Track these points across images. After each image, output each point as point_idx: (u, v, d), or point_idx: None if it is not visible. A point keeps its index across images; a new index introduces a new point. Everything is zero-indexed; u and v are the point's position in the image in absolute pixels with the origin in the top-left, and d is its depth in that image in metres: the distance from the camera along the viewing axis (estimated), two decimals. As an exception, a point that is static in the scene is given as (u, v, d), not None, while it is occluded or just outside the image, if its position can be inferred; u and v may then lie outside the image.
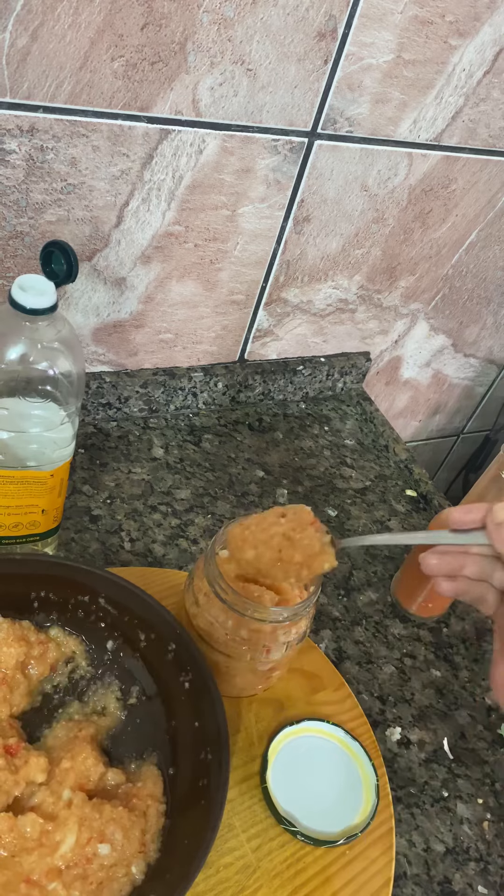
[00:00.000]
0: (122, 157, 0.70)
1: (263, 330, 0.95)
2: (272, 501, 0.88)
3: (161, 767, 0.57)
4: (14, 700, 0.58)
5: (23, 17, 0.59)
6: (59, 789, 0.53)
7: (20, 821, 0.50)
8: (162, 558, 0.77)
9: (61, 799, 0.52)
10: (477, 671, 0.78)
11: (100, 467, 0.84)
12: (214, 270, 0.85)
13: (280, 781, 0.60)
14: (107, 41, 0.62)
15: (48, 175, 0.68)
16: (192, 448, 0.91)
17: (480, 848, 0.64)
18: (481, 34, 0.78)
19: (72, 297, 0.79)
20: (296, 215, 0.85)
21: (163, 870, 0.51)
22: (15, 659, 0.58)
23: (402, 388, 1.20)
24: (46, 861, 0.49)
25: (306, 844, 0.58)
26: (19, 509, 0.64)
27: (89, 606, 0.62)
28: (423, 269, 1.01)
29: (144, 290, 0.82)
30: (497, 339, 1.22)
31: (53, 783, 0.54)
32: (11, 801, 0.52)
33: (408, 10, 0.73)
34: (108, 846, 0.50)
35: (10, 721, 0.57)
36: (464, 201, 0.95)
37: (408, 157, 0.86)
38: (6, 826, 0.50)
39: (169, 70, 0.67)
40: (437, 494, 0.96)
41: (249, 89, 0.71)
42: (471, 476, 1.45)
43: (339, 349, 1.05)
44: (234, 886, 0.55)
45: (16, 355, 0.55)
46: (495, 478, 0.68)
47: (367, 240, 0.92)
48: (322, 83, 0.74)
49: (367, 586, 0.83)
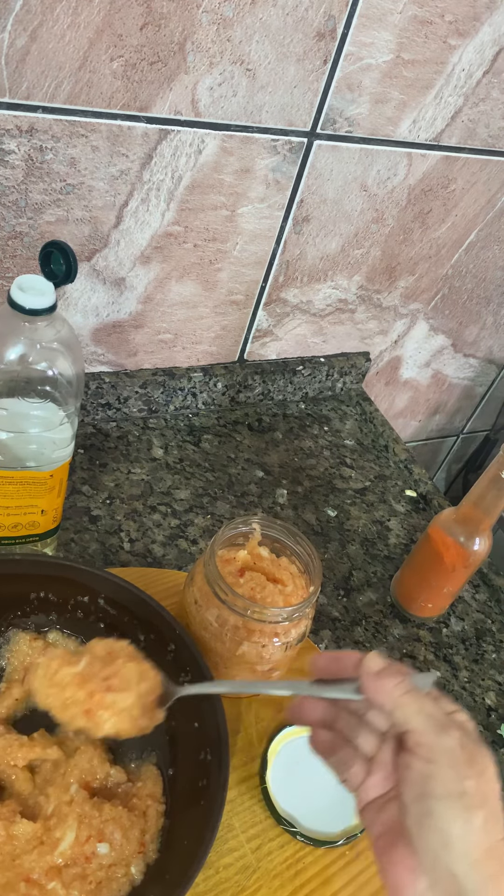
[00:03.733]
0: (121, 157, 0.70)
1: (263, 330, 0.95)
2: (272, 501, 0.88)
3: (161, 767, 0.57)
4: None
5: (22, 17, 0.59)
6: (66, 782, 0.53)
7: (17, 826, 0.50)
8: (161, 559, 0.77)
9: (67, 793, 0.52)
10: (476, 671, 0.78)
11: (99, 468, 0.84)
12: (214, 271, 0.85)
13: (280, 782, 0.60)
14: (106, 41, 0.62)
15: (47, 175, 0.68)
16: (192, 448, 0.91)
17: (480, 848, 0.64)
18: (481, 34, 0.78)
19: (71, 297, 0.78)
20: (295, 215, 0.85)
21: (162, 870, 0.51)
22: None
23: (401, 388, 1.20)
24: (46, 859, 0.49)
25: (306, 845, 0.58)
26: (19, 510, 0.63)
27: (89, 607, 0.62)
28: (422, 269, 1.01)
29: (144, 291, 0.82)
30: (497, 339, 1.22)
31: (58, 776, 0.54)
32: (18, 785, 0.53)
33: (407, 10, 0.73)
34: (107, 845, 0.51)
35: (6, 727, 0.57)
36: (463, 201, 0.95)
37: (407, 157, 0.86)
38: (4, 831, 0.50)
39: (168, 70, 0.66)
40: (436, 494, 0.96)
41: (249, 89, 0.71)
42: (471, 476, 1.45)
43: (338, 349, 1.05)
44: (233, 887, 0.55)
45: (15, 356, 0.55)
46: (495, 478, 0.68)
47: (366, 240, 0.92)
48: (321, 83, 0.74)
49: (366, 586, 0.83)
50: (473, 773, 0.36)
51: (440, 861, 0.35)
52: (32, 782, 0.55)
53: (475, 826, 0.35)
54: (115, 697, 0.43)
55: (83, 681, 0.44)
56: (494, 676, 0.78)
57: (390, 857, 0.37)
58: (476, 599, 0.86)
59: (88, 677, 0.44)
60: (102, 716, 0.44)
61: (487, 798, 0.36)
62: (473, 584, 0.88)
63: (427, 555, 0.76)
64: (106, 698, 0.43)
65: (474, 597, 0.86)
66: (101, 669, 0.44)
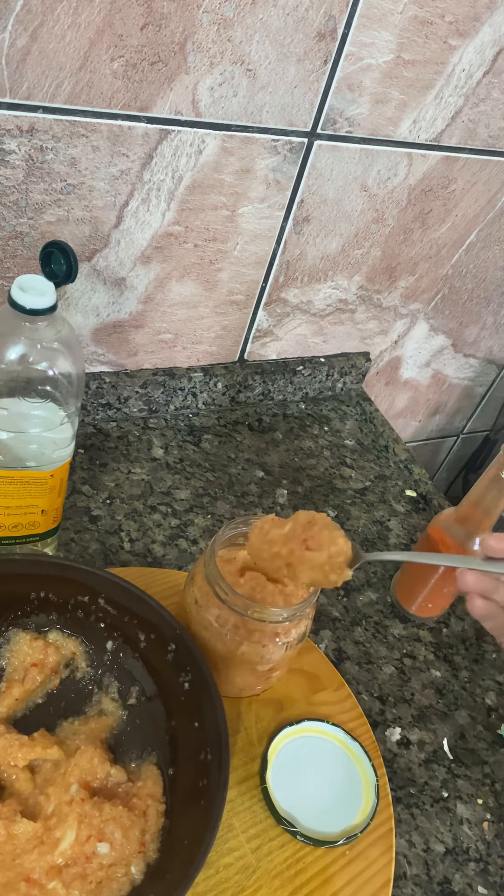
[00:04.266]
0: (121, 157, 0.70)
1: (263, 330, 0.96)
2: (272, 501, 0.88)
3: (161, 767, 0.57)
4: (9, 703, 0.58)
5: (22, 17, 0.59)
6: (67, 782, 0.53)
7: (18, 826, 0.50)
8: (162, 558, 0.77)
9: (68, 792, 0.52)
10: (477, 671, 0.78)
11: (99, 467, 0.84)
12: (214, 271, 0.85)
13: (280, 782, 0.60)
14: (106, 41, 0.62)
15: (48, 175, 0.68)
16: (192, 448, 0.91)
17: (480, 848, 0.64)
18: (481, 34, 0.78)
19: (71, 297, 0.79)
20: (295, 215, 0.85)
21: (162, 870, 0.51)
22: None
23: (401, 388, 1.20)
24: (46, 859, 0.49)
25: (306, 845, 0.58)
26: (19, 510, 0.64)
27: (89, 607, 0.62)
28: (422, 270, 1.01)
29: (144, 291, 0.82)
30: (497, 339, 1.22)
31: (58, 776, 0.54)
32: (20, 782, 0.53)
33: (407, 11, 0.73)
34: (107, 845, 0.51)
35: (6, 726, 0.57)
36: (463, 201, 0.95)
37: (407, 158, 0.86)
38: (4, 831, 0.50)
39: (168, 70, 0.67)
40: (436, 494, 0.96)
41: (249, 89, 0.71)
42: (470, 476, 1.45)
43: (338, 349, 1.05)
44: (233, 887, 0.55)
45: (15, 356, 0.55)
46: (495, 478, 0.68)
47: (366, 240, 0.92)
48: (322, 83, 0.74)
49: (366, 586, 0.83)
50: None
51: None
52: (32, 782, 0.55)
53: None
54: (312, 555, 0.52)
55: (287, 540, 0.54)
56: (494, 676, 0.78)
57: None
58: (476, 599, 0.86)
59: (291, 538, 0.54)
60: (300, 568, 0.53)
61: None
62: (473, 584, 0.88)
63: (427, 555, 0.76)
64: (305, 555, 0.52)
65: (474, 597, 0.86)
66: (302, 532, 0.53)
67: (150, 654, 0.61)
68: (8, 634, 0.62)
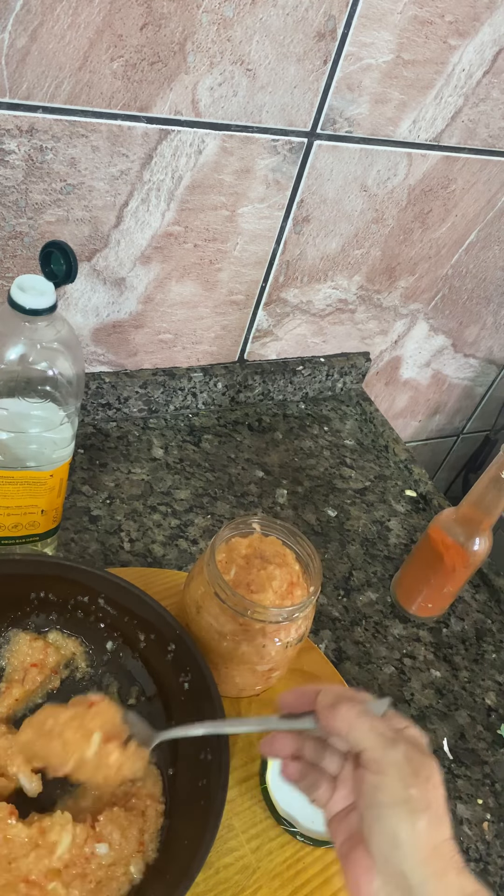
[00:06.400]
0: (121, 157, 0.70)
1: (263, 330, 0.96)
2: (272, 501, 0.88)
3: (160, 767, 0.57)
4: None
5: (22, 17, 0.59)
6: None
7: (13, 829, 0.50)
8: (161, 559, 0.77)
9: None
10: (477, 671, 0.78)
11: (99, 468, 0.84)
12: (214, 271, 0.85)
13: (280, 782, 0.60)
14: (106, 41, 0.62)
15: (47, 175, 0.68)
16: (192, 448, 0.91)
17: (480, 848, 0.64)
18: (481, 34, 0.78)
19: (71, 297, 0.79)
20: (295, 215, 0.85)
21: (162, 870, 0.51)
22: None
23: (401, 388, 1.20)
24: (44, 863, 0.49)
25: (306, 845, 0.58)
26: (19, 509, 0.64)
27: (89, 607, 0.62)
28: (422, 270, 1.01)
29: (144, 291, 0.82)
30: (497, 339, 1.22)
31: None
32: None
33: (407, 11, 0.73)
34: (105, 845, 0.50)
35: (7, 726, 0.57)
36: (463, 201, 0.95)
37: (407, 158, 0.86)
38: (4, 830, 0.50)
39: (168, 70, 0.67)
40: (436, 494, 0.96)
41: (249, 89, 0.71)
42: (470, 476, 1.45)
43: (338, 349, 1.05)
44: (233, 887, 0.55)
45: (15, 356, 0.55)
46: (495, 478, 0.68)
47: (366, 240, 0.92)
48: (321, 83, 0.74)
49: (366, 586, 0.83)
50: (418, 781, 0.39)
51: (390, 860, 0.39)
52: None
53: (420, 828, 0.39)
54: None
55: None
56: (494, 676, 0.78)
57: (350, 860, 0.41)
58: (476, 599, 0.86)
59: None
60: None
61: (431, 803, 0.39)
62: (473, 584, 0.88)
63: (427, 555, 0.76)
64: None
65: (474, 597, 0.86)
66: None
67: (149, 655, 0.61)
68: (8, 634, 0.62)
